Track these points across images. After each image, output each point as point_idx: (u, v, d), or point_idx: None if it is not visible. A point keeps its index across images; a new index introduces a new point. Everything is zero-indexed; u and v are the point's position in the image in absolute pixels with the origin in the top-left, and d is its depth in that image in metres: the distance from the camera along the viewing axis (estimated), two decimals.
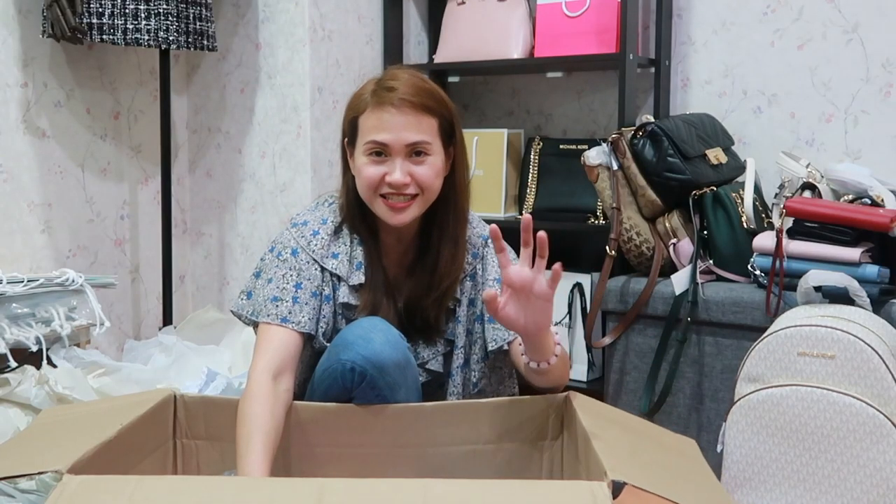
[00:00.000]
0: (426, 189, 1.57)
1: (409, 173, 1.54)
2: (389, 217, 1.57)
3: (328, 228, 1.62)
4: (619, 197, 2.22)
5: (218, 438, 1.47)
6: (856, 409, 1.61)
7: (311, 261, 1.60)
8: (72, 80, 2.56)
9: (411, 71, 1.60)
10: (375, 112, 1.54)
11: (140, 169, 2.76)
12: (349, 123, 1.60)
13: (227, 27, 2.76)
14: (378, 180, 1.55)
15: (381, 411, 1.47)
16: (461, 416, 1.46)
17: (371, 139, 1.54)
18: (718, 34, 2.57)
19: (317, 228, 1.62)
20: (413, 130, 1.54)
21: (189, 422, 1.47)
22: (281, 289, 1.57)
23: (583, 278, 2.53)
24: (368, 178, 1.55)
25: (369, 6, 2.80)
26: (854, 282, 1.84)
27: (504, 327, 1.53)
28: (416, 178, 1.55)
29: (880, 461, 1.59)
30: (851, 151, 2.40)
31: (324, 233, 1.62)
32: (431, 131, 1.56)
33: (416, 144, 1.54)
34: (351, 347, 1.48)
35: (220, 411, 1.47)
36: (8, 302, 2.03)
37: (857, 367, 1.64)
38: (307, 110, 2.63)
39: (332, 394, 1.52)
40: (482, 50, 2.69)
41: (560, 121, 2.89)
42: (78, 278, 2.19)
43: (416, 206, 1.57)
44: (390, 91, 1.54)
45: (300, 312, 1.56)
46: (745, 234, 2.16)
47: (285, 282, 1.58)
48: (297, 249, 1.60)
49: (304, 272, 1.59)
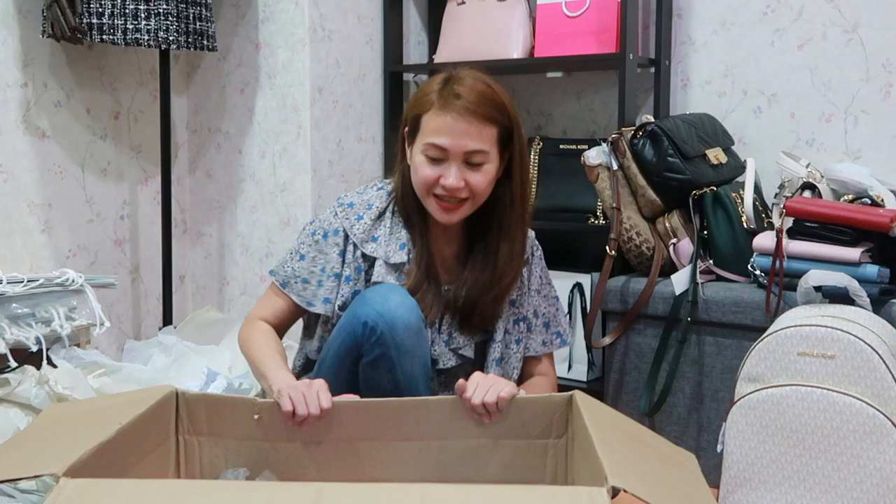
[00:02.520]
0: (476, 195, 1.64)
1: (463, 179, 1.61)
2: (439, 215, 1.65)
3: (372, 214, 1.70)
4: (619, 197, 2.22)
5: (220, 435, 1.46)
6: (856, 408, 1.61)
7: (345, 243, 1.69)
8: (72, 80, 2.55)
9: (478, 75, 1.65)
10: (439, 115, 1.60)
11: (140, 169, 2.76)
12: (412, 118, 1.66)
13: (227, 27, 2.76)
14: (433, 181, 1.62)
15: (384, 404, 1.47)
16: (466, 411, 1.46)
17: (431, 141, 1.61)
18: (718, 34, 2.57)
19: (361, 212, 1.70)
20: (473, 139, 1.60)
21: (190, 418, 1.46)
22: (310, 272, 1.69)
23: (583, 278, 2.53)
24: (424, 177, 1.62)
25: (369, 6, 2.80)
26: (854, 282, 1.83)
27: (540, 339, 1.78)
28: (469, 184, 1.62)
29: (880, 461, 1.59)
30: (851, 151, 2.40)
31: (367, 217, 1.70)
32: (490, 140, 1.62)
33: (473, 154, 1.61)
34: (368, 304, 1.56)
35: (222, 408, 1.46)
36: (8, 302, 2.02)
37: (857, 367, 1.64)
38: (307, 110, 2.63)
39: (344, 348, 1.58)
40: (482, 50, 2.69)
41: (560, 121, 2.89)
42: (78, 278, 2.18)
43: (466, 209, 1.65)
44: (456, 98, 1.59)
45: (318, 297, 1.69)
46: (745, 234, 2.16)
47: (314, 265, 1.69)
48: (335, 231, 1.69)
49: (329, 255, 1.69)
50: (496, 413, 1.43)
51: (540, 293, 1.79)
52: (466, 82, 1.61)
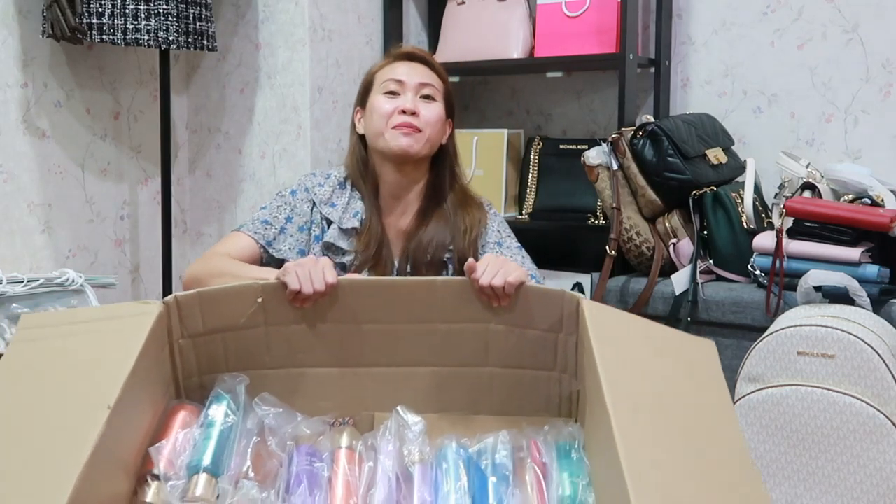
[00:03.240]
0: (429, 126, 1.74)
1: (418, 107, 1.74)
2: (398, 141, 1.72)
3: (332, 182, 1.80)
4: (619, 197, 2.22)
5: (217, 330, 1.33)
6: (856, 408, 1.61)
7: (308, 201, 1.78)
8: (72, 80, 2.56)
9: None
10: (391, 65, 1.80)
11: (140, 169, 2.76)
12: (364, 83, 1.82)
13: (227, 27, 2.76)
14: (392, 110, 1.74)
15: (392, 283, 1.41)
16: (474, 293, 1.36)
17: (388, 78, 1.76)
18: (718, 34, 2.57)
19: (322, 181, 1.80)
20: (426, 76, 1.78)
21: (184, 323, 1.32)
22: (273, 217, 1.77)
23: (583, 278, 2.53)
24: (382, 108, 1.75)
25: (369, 6, 2.80)
26: (854, 282, 1.83)
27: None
28: (423, 114, 1.74)
29: (880, 461, 1.59)
30: (851, 151, 2.40)
31: (328, 185, 1.79)
32: (439, 87, 1.79)
33: (426, 86, 1.77)
34: None
35: (218, 302, 1.33)
36: (8, 302, 2.02)
37: (857, 367, 1.64)
38: (307, 110, 2.63)
39: None
40: (482, 50, 2.69)
41: (560, 121, 2.89)
42: (78, 278, 2.18)
43: (422, 137, 1.74)
44: (407, 50, 1.82)
45: (283, 242, 1.75)
46: (745, 233, 2.16)
47: (278, 212, 1.77)
48: (297, 190, 1.79)
49: (298, 208, 1.77)
50: (504, 297, 1.35)
51: (502, 245, 1.80)
52: (414, 47, 1.83)
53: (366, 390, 1.36)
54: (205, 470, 1.14)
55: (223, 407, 1.23)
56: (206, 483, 1.13)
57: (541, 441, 1.24)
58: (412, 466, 1.20)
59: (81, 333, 1.21)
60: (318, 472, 1.18)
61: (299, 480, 1.16)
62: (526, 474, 1.20)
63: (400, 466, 1.20)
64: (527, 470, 1.21)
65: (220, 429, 1.19)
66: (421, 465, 1.20)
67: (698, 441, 1.10)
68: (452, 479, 1.17)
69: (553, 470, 1.20)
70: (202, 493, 1.11)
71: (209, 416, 1.22)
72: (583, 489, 1.15)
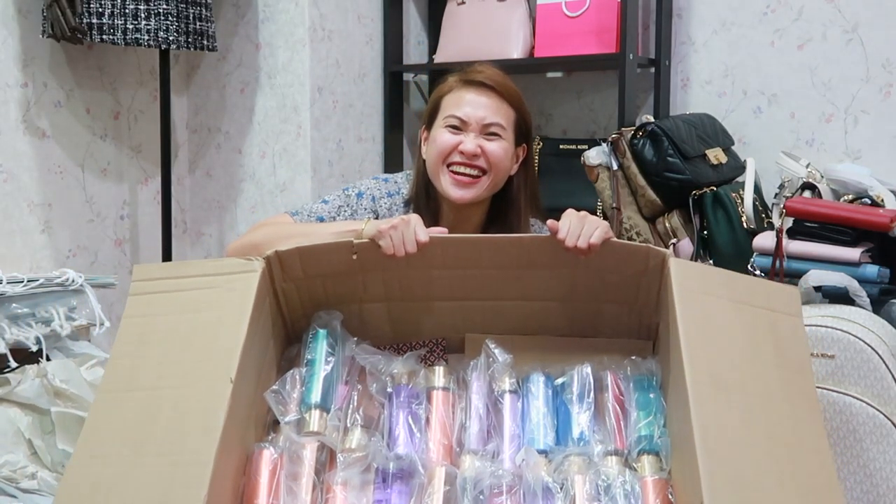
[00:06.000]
0: (494, 166, 1.65)
1: (480, 146, 1.63)
2: (452, 190, 1.65)
3: (397, 201, 1.73)
4: (619, 197, 2.22)
5: (317, 276, 1.41)
6: (856, 409, 1.61)
7: (372, 211, 1.70)
8: (72, 80, 2.56)
9: (497, 69, 1.72)
10: (459, 92, 1.67)
11: (140, 169, 2.76)
12: (432, 105, 1.72)
13: (227, 27, 2.76)
14: (450, 147, 1.64)
15: (478, 239, 1.47)
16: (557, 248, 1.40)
17: (451, 113, 1.66)
18: (718, 34, 2.57)
19: (391, 191, 1.74)
20: (492, 112, 1.65)
21: (284, 270, 1.39)
22: (331, 217, 1.68)
23: None
24: (441, 143, 1.65)
25: (369, 6, 2.80)
26: (854, 282, 1.83)
27: None
28: (486, 153, 1.64)
29: (880, 461, 1.59)
30: (851, 151, 2.40)
31: (392, 203, 1.72)
32: (508, 120, 1.67)
33: (491, 125, 1.65)
34: None
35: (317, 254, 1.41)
36: (8, 302, 2.02)
37: (857, 367, 1.64)
38: (307, 110, 2.63)
39: None
40: (482, 50, 2.69)
41: (560, 121, 2.89)
42: (78, 278, 2.18)
43: (481, 186, 1.65)
44: (478, 74, 1.68)
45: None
46: (745, 234, 2.16)
47: (338, 213, 1.69)
48: (364, 194, 1.72)
49: (358, 215, 1.69)
50: (589, 253, 1.37)
51: None
52: (487, 68, 1.69)
53: (456, 318, 1.45)
54: (315, 406, 1.27)
55: (323, 344, 1.35)
56: (318, 418, 1.26)
57: (621, 376, 1.34)
58: (501, 397, 1.31)
59: (196, 288, 1.33)
60: (417, 413, 1.29)
61: (403, 424, 1.28)
62: (606, 409, 1.30)
63: (490, 398, 1.32)
64: (607, 404, 1.30)
65: (322, 366, 1.31)
66: (510, 396, 1.32)
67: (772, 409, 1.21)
68: (539, 411, 1.30)
69: (632, 409, 1.29)
70: (317, 428, 1.25)
71: (311, 355, 1.34)
72: (659, 430, 1.25)
